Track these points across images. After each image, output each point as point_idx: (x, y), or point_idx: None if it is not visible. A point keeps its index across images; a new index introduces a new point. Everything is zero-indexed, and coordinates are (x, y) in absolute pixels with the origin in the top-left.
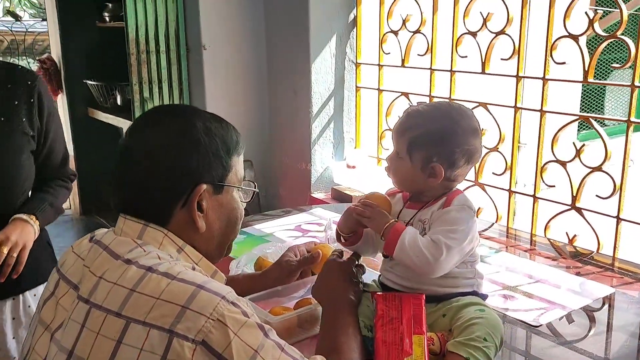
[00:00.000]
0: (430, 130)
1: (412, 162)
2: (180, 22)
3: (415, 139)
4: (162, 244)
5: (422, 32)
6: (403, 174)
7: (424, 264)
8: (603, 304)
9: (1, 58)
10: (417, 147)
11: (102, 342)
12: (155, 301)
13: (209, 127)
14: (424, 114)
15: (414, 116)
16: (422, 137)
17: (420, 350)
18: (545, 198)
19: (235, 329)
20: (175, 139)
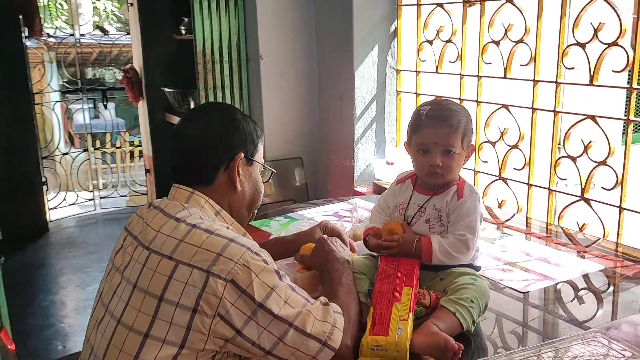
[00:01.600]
0: (466, 119)
1: (463, 151)
2: (241, 35)
3: (464, 130)
4: (203, 207)
5: (453, 42)
6: (458, 167)
7: (457, 260)
8: (589, 278)
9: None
10: (465, 137)
11: (158, 277)
12: (197, 249)
13: (244, 117)
14: (453, 108)
15: (450, 113)
16: (465, 127)
17: (407, 298)
18: (558, 190)
19: (256, 271)
20: (221, 121)
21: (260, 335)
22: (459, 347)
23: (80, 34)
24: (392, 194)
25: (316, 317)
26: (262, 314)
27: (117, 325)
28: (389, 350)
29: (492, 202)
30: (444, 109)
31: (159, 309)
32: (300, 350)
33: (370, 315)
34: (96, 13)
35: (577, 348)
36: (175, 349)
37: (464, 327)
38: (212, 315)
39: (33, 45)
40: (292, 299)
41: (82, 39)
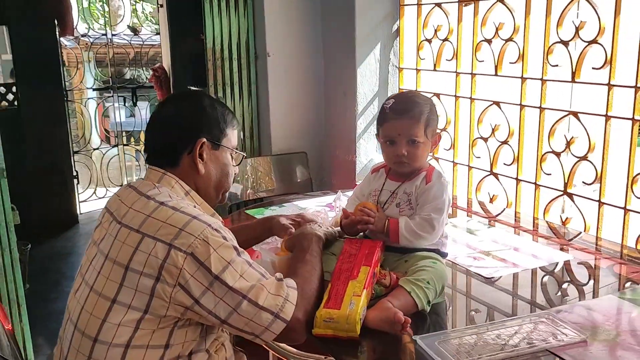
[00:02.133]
0: (429, 109)
1: (428, 140)
2: (250, 33)
3: (427, 120)
4: (173, 187)
5: (450, 40)
6: (424, 155)
7: (423, 240)
8: (555, 266)
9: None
10: (429, 127)
11: (126, 249)
12: (162, 224)
13: (213, 104)
14: (416, 100)
15: (412, 105)
16: (428, 117)
17: (363, 276)
18: (544, 185)
19: (215, 246)
20: (187, 107)
21: (216, 305)
22: (406, 320)
23: (112, 34)
24: (367, 183)
25: (269, 291)
26: (218, 285)
27: (89, 292)
28: (340, 322)
29: (485, 197)
30: (405, 102)
31: (125, 277)
32: (253, 320)
33: (327, 291)
34: (134, 15)
35: (524, 327)
36: (139, 313)
37: (418, 307)
38: (173, 284)
39: (71, 45)
40: (248, 273)
41: (115, 39)
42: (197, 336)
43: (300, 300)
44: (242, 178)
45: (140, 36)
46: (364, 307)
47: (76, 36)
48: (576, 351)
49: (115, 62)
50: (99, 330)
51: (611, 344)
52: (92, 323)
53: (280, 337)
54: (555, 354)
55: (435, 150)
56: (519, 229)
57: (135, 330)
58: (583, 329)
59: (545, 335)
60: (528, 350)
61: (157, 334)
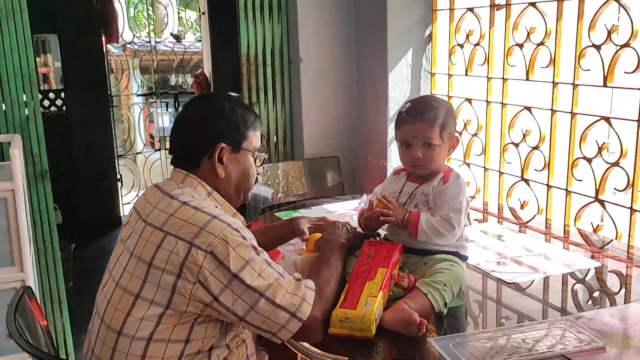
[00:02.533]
0: (445, 113)
1: (444, 142)
2: (283, 40)
3: (443, 124)
4: (195, 188)
5: (481, 45)
6: (440, 158)
7: (442, 238)
8: (586, 274)
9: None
10: (445, 130)
11: (149, 246)
12: (183, 223)
13: (234, 107)
14: (432, 103)
15: (428, 109)
16: (444, 120)
17: (380, 277)
18: (575, 191)
19: (234, 245)
20: (207, 111)
21: (234, 303)
22: (422, 322)
23: (156, 41)
24: (388, 184)
25: (287, 290)
26: (237, 283)
27: (115, 287)
28: (355, 322)
29: (515, 203)
30: (422, 106)
31: (148, 273)
32: (270, 319)
33: (344, 291)
34: (180, 23)
35: (541, 332)
36: (161, 309)
37: (435, 308)
38: (193, 282)
39: (118, 53)
40: (266, 272)
41: (159, 46)
42: (217, 332)
43: (318, 300)
44: (273, 182)
45: (183, 43)
46: (380, 307)
47: (123, 43)
48: (593, 357)
49: (160, 69)
50: (123, 324)
51: (630, 352)
52: (117, 317)
53: (296, 336)
54: (570, 359)
55: (451, 152)
56: (549, 236)
57: (157, 325)
58: (603, 335)
59: (562, 340)
60: (542, 355)
61: (178, 329)
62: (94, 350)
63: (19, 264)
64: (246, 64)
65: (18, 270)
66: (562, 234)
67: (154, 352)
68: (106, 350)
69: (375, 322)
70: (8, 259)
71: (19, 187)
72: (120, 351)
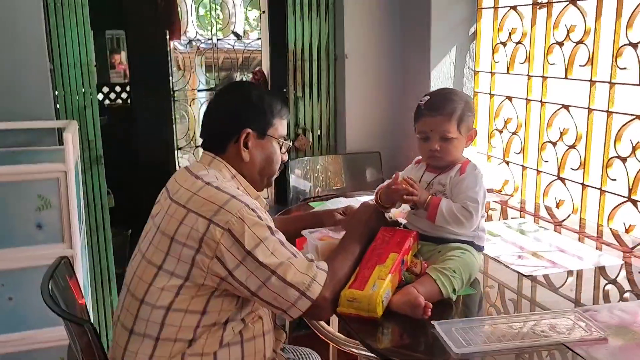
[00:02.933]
0: (463, 106)
1: (462, 135)
2: (330, 36)
3: (460, 117)
4: (221, 170)
5: (523, 43)
6: (457, 151)
7: (459, 225)
8: (603, 270)
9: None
10: (462, 123)
11: (173, 222)
12: (204, 201)
13: (261, 95)
14: (450, 97)
15: (445, 103)
16: (462, 114)
17: (391, 262)
18: (608, 191)
19: (250, 224)
20: (234, 98)
21: (247, 278)
22: (427, 305)
23: (217, 39)
24: (408, 172)
25: (298, 269)
26: (250, 260)
27: (141, 259)
28: (362, 302)
29: (552, 202)
30: (440, 99)
31: (170, 247)
32: (280, 295)
33: (355, 274)
34: (246, 22)
35: (545, 321)
36: (180, 280)
37: (443, 294)
38: (211, 256)
39: (186, 50)
40: (279, 251)
41: (220, 43)
42: (234, 307)
43: (330, 281)
44: (312, 176)
45: (244, 41)
46: (388, 290)
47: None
48: (593, 348)
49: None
50: (145, 293)
51: (631, 344)
52: (141, 286)
53: (306, 314)
54: (569, 347)
55: (469, 144)
56: (583, 235)
57: (176, 295)
58: (608, 327)
59: (564, 330)
60: (541, 342)
61: (195, 300)
62: (119, 317)
63: (68, 241)
64: (293, 59)
65: (67, 246)
66: (595, 234)
67: (172, 320)
68: (129, 317)
69: (382, 303)
70: (59, 235)
71: (71, 169)
72: (141, 318)
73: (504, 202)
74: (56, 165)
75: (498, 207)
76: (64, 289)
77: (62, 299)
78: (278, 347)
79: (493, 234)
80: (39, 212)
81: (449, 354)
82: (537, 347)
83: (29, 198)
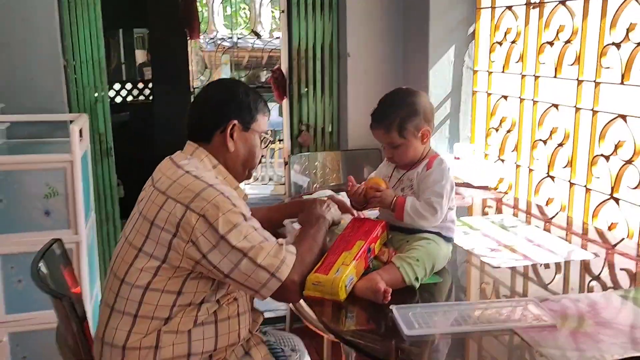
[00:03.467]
0: (404, 111)
1: (408, 140)
2: (334, 35)
3: (400, 125)
4: (202, 160)
5: (517, 43)
6: (410, 152)
7: (425, 221)
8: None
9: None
10: (404, 129)
11: (153, 207)
12: (183, 188)
13: (247, 92)
14: (391, 104)
15: (384, 114)
16: (403, 119)
17: (357, 249)
18: (592, 189)
19: (224, 210)
20: (223, 92)
21: (220, 261)
22: (386, 290)
23: (237, 38)
24: (382, 168)
25: (269, 253)
26: (224, 244)
27: (124, 242)
28: (325, 286)
29: (543, 200)
30: (382, 108)
31: (150, 231)
32: (252, 277)
33: (322, 259)
34: (273, 21)
35: (500, 310)
36: (158, 262)
37: (405, 281)
38: (187, 240)
39: (212, 49)
40: (252, 235)
41: (245, 43)
42: (208, 289)
43: (298, 265)
44: (310, 172)
45: (264, 40)
46: (351, 275)
47: (212, 39)
48: (539, 335)
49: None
50: (125, 273)
51: (579, 332)
52: (122, 267)
53: (275, 295)
54: (517, 333)
55: (426, 141)
56: (570, 233)
57: (154, 276)
58: (561, 317)
59: (517, 317)
60: (491, 327)
61: (172, 282)
62: (103, 296)
63: (74, 227)
64: (297, 57)
65: (73, 232)
66: (581, 231)
67: (149, 299)
68: (111, 295)
69: (344, 287)
70: (65, 222)
71: (77, 159)
72: (121, 296)
73: (499, 200)
74: (62, 156)
75: (494, 205)
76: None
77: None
78: (255, 329)
79: (473, 227)
80: (47, 199)
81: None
82: (487, 331)
83: (37, 186)
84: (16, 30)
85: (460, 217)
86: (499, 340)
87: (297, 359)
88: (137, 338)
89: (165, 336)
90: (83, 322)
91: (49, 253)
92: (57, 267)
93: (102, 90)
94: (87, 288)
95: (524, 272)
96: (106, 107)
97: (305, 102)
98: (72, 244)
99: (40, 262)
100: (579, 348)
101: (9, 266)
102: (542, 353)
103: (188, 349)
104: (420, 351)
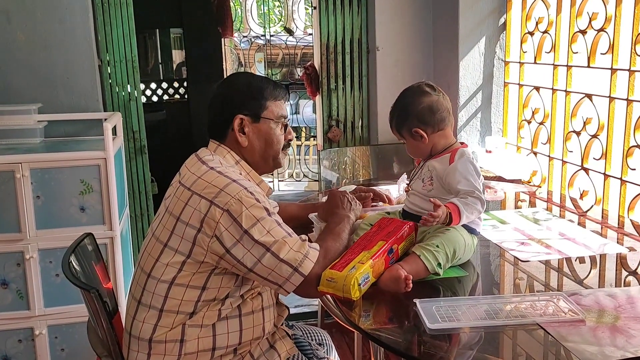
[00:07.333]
0: (398, 114)
1: (407, 139)
2: (363, 29)
3: (398, 127)
4: (225, 157)
5: (549, 32)
6: (421, 146)
7: (477, 212)
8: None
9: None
10: (402, 130)
11: (179, 203)
12: (207, 184)
13: (249, 81)
14: (399, 106)
15: (394, 117)
16: (398, 122)
17: (376, 248)
18: (628, 181)
19: (247, 206)
20: (224, 88)
21: (244, 256)
22: (407, 277)
23: (270, 35)
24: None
25: (292, 247)
26: (247, 239)
27: (151, 237)
28: (338, 283)
29: (577, 192)
30: (392, 112)
31: (175, 226)
32: (275, 271)
33: (341, 256)
34: (308, 18)
35: (526, 303)
36: (183, 257)
37: (429, 269)
38: (211, 235)
39: (245, 47)
40: (275, 230)
41: (278, 40)
42: (232, 285)
43: (322, 259)
44: (340, 167)
45: (296, 37)
46: (367, 274)
47: (245, 36)
48: (565, 329)
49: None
50: (152, 268)
51: (607, 327)
52: (149, 262)
53: (298, 290)
54: (542, 327)
55: (435, 132)
56: (605, 226)
57: (179, 271)
58: (589, 311)
59: (542, 311)
60: (515, 322)
61: (196, 277)
62: (131, 289)
63: (109, 223)
64: (325, 52)
65: (108, 228)
66: (617, 225)
67: (174, 294)
68: (138, 289)
69: (357, 286)
70: (100, 218)
71: (110, 156)
72: (148, 290)
73: (532, 194)
74: (96, 153)
75: (527, 198)
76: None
77: (87, 280)
78: (280, 323)
79: (504, 221)
80: (82, 196)
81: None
82: (511, 325)
83: (73, 183)
84: (53, 32)
85: (491, 211)
86: (524, 335)
87: (324, 353)
88: (163, 332)
89: (190, 330)
90: (113, 316)
91: (81, 248)
92: (89, 263)
93: (135, 89)
94: (122, 282)
95: (556, 266)
96: (139, 106)
97: (335, 97)
98: (106, 239)
99: (71, 255)
100: (610, 342)
101: (47, 261)
102: (568, 348)
103: (213, 342)
104: (443, 345)
